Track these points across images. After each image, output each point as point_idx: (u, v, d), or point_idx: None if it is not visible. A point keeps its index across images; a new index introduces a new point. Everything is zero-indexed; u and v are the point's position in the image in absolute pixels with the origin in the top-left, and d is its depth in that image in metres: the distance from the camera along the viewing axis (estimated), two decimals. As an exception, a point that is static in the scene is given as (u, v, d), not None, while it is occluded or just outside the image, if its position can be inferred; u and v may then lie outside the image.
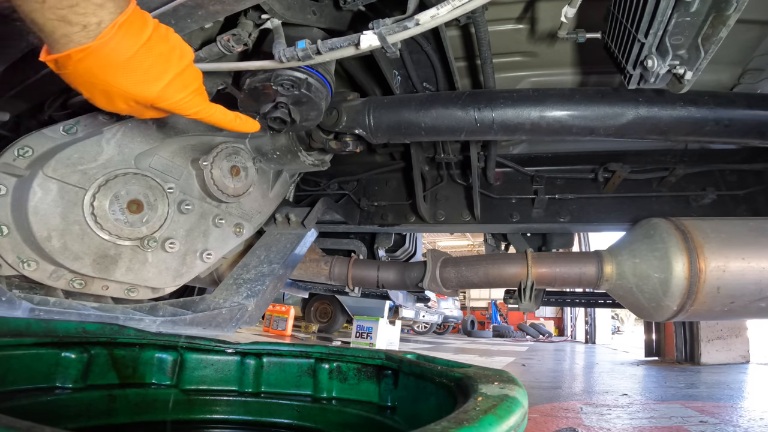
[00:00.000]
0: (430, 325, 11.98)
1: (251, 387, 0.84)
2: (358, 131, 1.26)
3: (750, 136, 1.19)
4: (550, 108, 1.19)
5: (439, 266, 1.80)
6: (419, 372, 0.66)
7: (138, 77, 0.74)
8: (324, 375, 0.83)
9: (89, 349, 0.68)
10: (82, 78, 0.73)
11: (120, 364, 0.74)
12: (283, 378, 0.85)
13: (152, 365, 0.78)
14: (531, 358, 5.93)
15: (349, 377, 0.83)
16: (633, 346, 9.51)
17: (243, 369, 0.84)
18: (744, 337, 5.42)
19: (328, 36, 1.09)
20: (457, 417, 0.38)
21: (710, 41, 0.84)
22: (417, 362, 0.69)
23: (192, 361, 0.82)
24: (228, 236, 1.49)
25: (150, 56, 0.74)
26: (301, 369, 0.85)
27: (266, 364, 0.85)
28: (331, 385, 0.83)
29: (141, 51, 0.72)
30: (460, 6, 0.88)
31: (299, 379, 0.85)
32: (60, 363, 0.64)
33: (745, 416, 2.27)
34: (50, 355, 0.64)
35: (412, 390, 0.70)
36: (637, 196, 1.88)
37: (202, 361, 0.83)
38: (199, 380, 0.82)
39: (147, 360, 0.78)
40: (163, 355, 0.80)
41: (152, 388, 0.77)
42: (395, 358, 0.75)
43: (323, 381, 0.83)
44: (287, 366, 0.85)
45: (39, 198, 1.06)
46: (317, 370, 0.84)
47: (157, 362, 0.79)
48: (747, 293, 1.34)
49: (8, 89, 1.22)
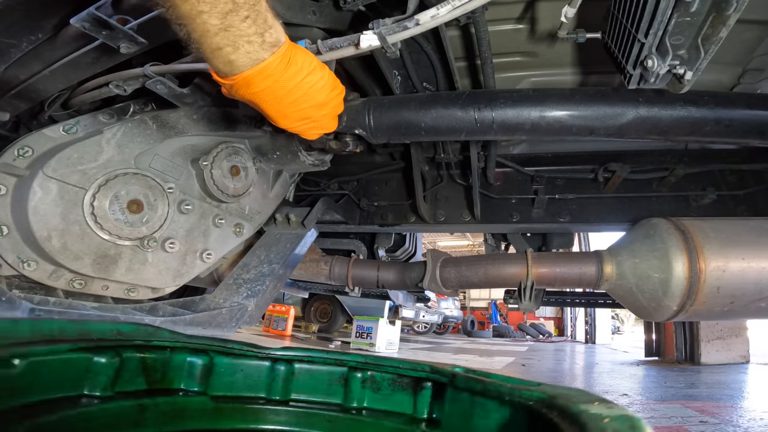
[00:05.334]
0: (430, 325, 11.98)
1: (279, 394, 0.80)
2: (358, 131, 1.26)
3: (750, 136, 1.19)
4: (550, 108, 1.19)
5: (439, 266, 1.80)
6: (480, 388, 0.62)
7: (319, 85, 0.90)
8: (357, 384, 0.80)
9: (121, 352, 0.65)
10: (266, 95, 0.84)
11: (150, 369, 0.70)
12: (312, 386, 0.82)
13: (182, 370, 0.75)
14: (531, 358, 5.93)
15: (383, 387, 0.79)
16: (633, 346, 9.51)
17: (273, 375, 0.81)
18: (744, 337, 5.41)
19: (328, 36, 1.09)
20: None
21: (710, 41, 0.84)
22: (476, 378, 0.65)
23: (222, 365, 0.79)
24: (228, 236, 1.49)
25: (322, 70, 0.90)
26: (332, 377, 0.82)
27: (297, 370, 0.82)
28: (363, 394, 0.80)
29: (317, 66, 0.88)
30: (460, 6, 0.88)
31: (329, 387, 0.82)
32: (90, 369, 0.61)
33: (745, 416, 2.27)
34: (82, 360, 0.60)
35: (465, 405, 0.66)
36: (637, 196, 1.87)
37: (232, 366, 0.80)
38: (227, 387, 0.78)
39: (177, 364, 0.75)
40: (194, 359, 0.76)
41: (180, 395, 0.74)
42: (445, 372, 0.72)
43: (355, 390, 0.80)
44: (318, 374, 0.82)
45: (39, 198, 1.06)
46: (349, 379, 0.81)
47: (188, 367, 0.76)
48: (747, 293, 1.34)
49: (8, 89, 1.22)
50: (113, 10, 0.93)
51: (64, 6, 1.01)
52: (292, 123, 0.96)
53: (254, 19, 0.72)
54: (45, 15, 1.03)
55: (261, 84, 0.81)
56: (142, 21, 0.94)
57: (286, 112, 0.91)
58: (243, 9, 0.70)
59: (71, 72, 1.16)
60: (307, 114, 0.95)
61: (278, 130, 1.13)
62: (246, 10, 0.71)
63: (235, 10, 0.69)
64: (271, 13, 0.76)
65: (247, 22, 0.72)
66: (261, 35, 0.75)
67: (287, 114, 0.92)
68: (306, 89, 0.88)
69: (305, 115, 0.95)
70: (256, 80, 0.80)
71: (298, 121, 0.96)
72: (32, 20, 1.04)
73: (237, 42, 0.73)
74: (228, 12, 0.69)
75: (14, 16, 0.99)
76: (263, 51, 0.77)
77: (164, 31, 0.99)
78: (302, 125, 0.98)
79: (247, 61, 0.77)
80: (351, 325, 6.44)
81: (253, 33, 0.74)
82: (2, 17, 0.97)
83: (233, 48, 0.74)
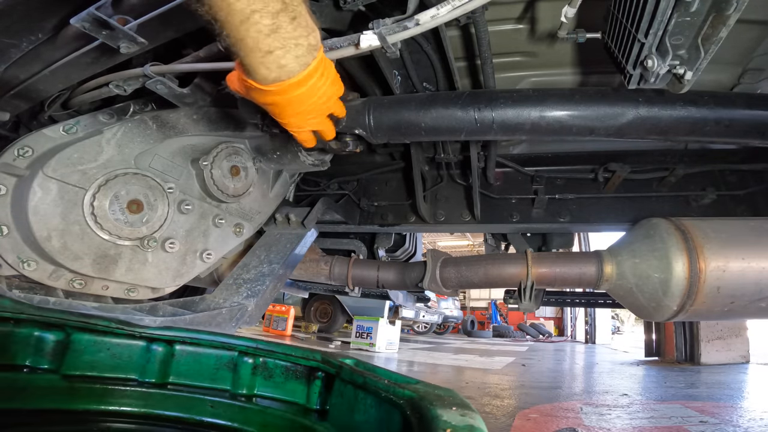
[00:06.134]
0: (430, 325, 11.98)
1: (155, 377, 0.74)
2: (358, 131, 1.26)
3: (750, 136, 1.19)
4: (550, 108, 1.18)
5: (439, 266, 1.80)
6: (362, 382, 0.61)
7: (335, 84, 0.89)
8: (246, 370, 0.76)
9: None
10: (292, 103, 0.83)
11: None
12: (197, 370, 0.76)
13: (28, 345, 0.67)
14: (531, 358, 5.93)
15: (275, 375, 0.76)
16: (633, 346, 9.51)
17: (148, 356, 0.75)
18: (744, 337, 5.41)
19: (328, 36, 1.09)
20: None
21: (710, 41, 0.84)
22: (360, 371, 0.63)
23: (82, 342, 0.71)
24: (228, 236, 1.49)
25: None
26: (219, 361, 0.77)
27: (178, 352, 0.76)
28: (253, 381, 0.76)
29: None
30: (460, 6, 0.88)
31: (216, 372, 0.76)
32: None
33: (745, 416, 2.27)
34: None
35: (350, 399, 0.64)
36: (637, 196, 1.87)
37: (95, 344, 0.72)
38: (87, 366, 0.71)
39: (23, 338, 0.67)
40: (44, 333, 0.68)
41: (24, 371, 0.67)
42: (333, 363, 0.69)
43: (244, 376, 0.76)
44: (203, 357, 0.77)
45: (39, 198, 1.06)
46: (239, 364, 0.76)
47: (35, 342, 0.68)
48: (747, 293, 1.34)
49: (8, 89, 1.22)
50: (113, 10, 0.93)
51: (64, 6, 1.01)
52: (303, 126, 0.95)
53: (299, 21, 0.70)
54: (45, 15, 1.03)
55: (298, 89, 0.78)
56: (142, 21, 0.94)
57: (305, 116, 0.90)
58: (289, 10, 0.68)
59: (71, 72, 1.16)
60: (318, 116, 0.95)
61: (279, 130, 1.13)
62: (292, 11, 0.68)
63: (284, 10, 0.67)
64: (312, 17, 0.74)
65: (294, 24, 0.69)
66: (306, 37, 0.72)
67: (304, 118, 0.91)
68: (329, 94, 0.88)
69: (318, 118, 0.95)
70: (299, 85, 0.76)
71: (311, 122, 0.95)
72: (32, 20, 1.04)
73: (287, 44, 0.70)
74: (278, 11, 0.66)
75: (14, 16, 0.99)
76: (309, 55, 0.74)
77: (164, 31, 0.99)
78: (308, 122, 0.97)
79: (296, 66, 0.73)
80: (351, 325, 6.44)
81: (300, 35, 0.71)
82: (2, 17, 0.97)
83: (284, 51, 0.70)
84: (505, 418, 2.02)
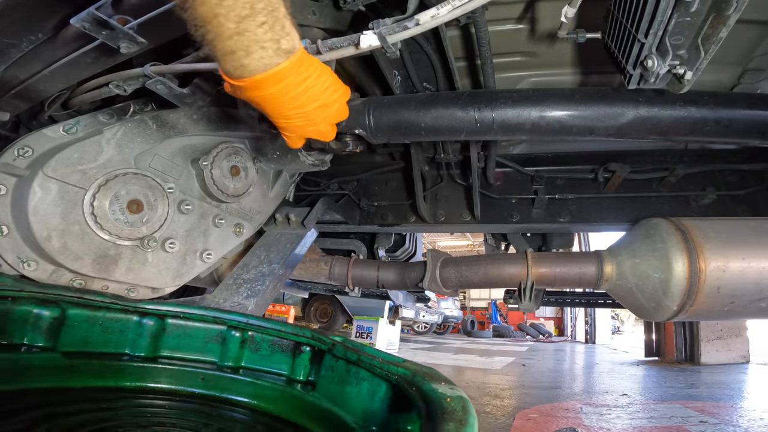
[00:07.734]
0: (430, 325, 11.98)
1: (146, 351, 0.76)
2: (358, 131, 1.26)
3: (750, 136, 1.19)
4: (550, 108, 1.18)
5: (439, 266, 1.80)
6: (356, 359, 0.66)
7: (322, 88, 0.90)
8: (235, 343, 0.79)
9: None
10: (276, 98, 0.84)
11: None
12: (187, 343, 0.79)
13: (26, 323, 0.67)
14: (531, 358, 5.93)
15: (262, 348, 0.78)
16: (633, 346, 9.51)
17: (140, 330, 0.76)
18: (744, 337, 5.42)
19: (328, 36, 1.09)
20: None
21: (710, 41, 0.84)
22: (354, 348, 0.68)
23: (77, 318, 0.71)
24: (228, 236, 1.49)
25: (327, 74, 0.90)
26: (209, 335, 0.79)
27: (169, 326, 0.78)
28: (240, 354, 0.78)
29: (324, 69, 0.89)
30: (460, 6, 0.88)
31: (205, 345, 0.79)
32: None
33: (745, 416, 2.27)
34: None
35: (341, 372, 0.69)
36: (637, 196, 1.87)
37: (89, 319, 0.73)
38: (82, 342, 0.71)
39: (21, 316, 0.67)
40: (41, 310, 0.69)
41: (23, 351, 0.66)
42: (325, 340, 0.73)
43: (232, 349, 0.78)
44: (193, 331, 0.79)
45: (39, 198, 1.06)
46: (227, 338, 0.79)
47: (33, 319, 0.68)
48: (747, 293, 1.34)
49: (8, 89, 1.22)
50: (113, 10, 0.93)
51: (64, 6, 1.01)
52: (291, 123, 0.96)
53: (271, 25, 0.72)
54: (45, 15, 1.03)
55: (270, 88, 0.81)
56: (142, 21, 0.94)
57: (288, 114, 0.92)
58: (260, 15, 0.70)
59: (71, 72, 1.16)
60: (307, 116, 0.95)
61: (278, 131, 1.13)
62: (263, 15, 0.70)
63: (251, 16, 0.69)
64: (289, 20, 0.76)
65: (264, 28, 0.72)
66: (276, 42, 0.75)
67: (288, 116, 0.92)
68: (312, 92, 0.89)
69: (306, 117, 0.95)
70: (265, 84, 0.80)
71: (298, 121, 0.96)
72: (32, 20, 1.04)
73: (251, 47, 0.73)
74: (245, 17, 0.69)
75: (14, 16, 0.99)
76: (277, 57, 0.77)
77: (164, 31, 0.99)
78: (301, 127, 0.98)
79: (259, 66, 0.77)
80: (351, 325, 6.44)
81: (269, 39, 0.73)
82: (2, 17, 0.97)
83: (246, 53, 0.74)
84: (505, 418, 2.02)
